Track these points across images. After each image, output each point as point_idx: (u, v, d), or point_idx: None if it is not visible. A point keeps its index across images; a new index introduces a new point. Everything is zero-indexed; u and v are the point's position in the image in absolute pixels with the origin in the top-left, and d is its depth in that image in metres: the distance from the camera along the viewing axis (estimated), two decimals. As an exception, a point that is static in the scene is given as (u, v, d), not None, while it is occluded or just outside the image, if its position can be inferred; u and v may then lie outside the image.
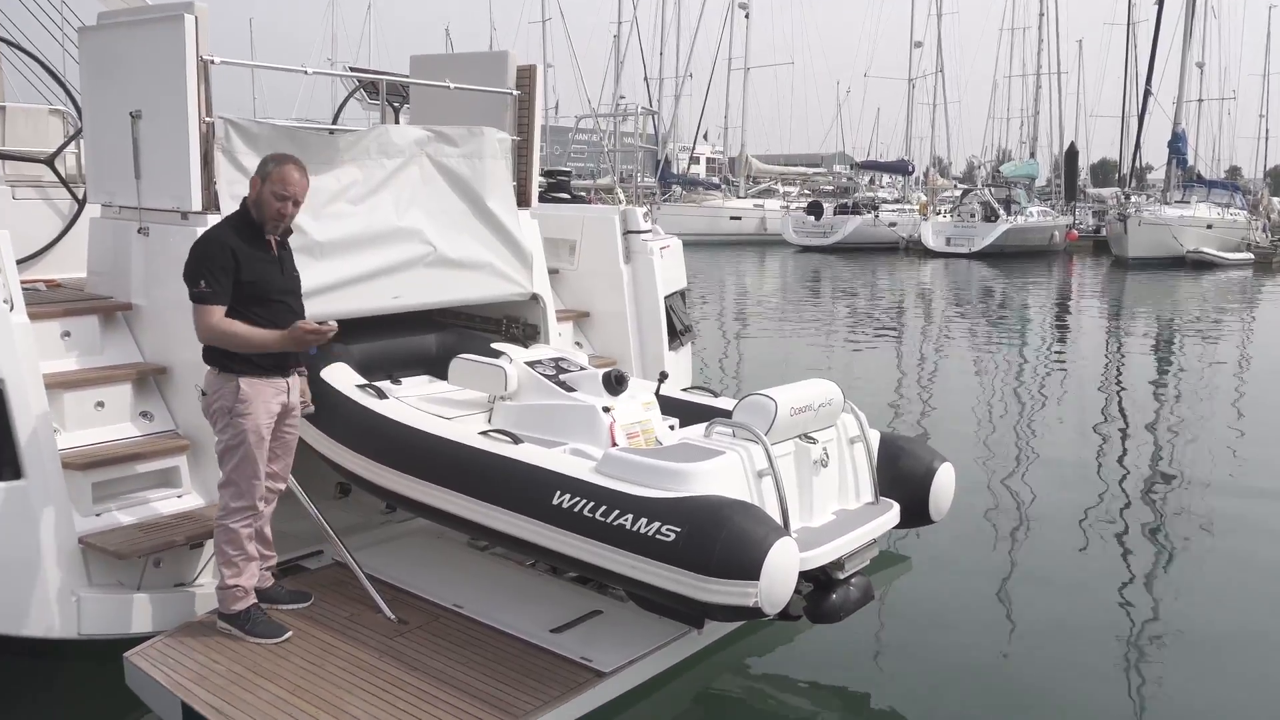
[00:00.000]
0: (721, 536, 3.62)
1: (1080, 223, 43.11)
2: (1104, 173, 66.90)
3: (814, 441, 4.35)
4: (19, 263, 4.61)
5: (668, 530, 3.68)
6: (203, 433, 4.72)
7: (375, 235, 5.38)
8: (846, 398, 4.58)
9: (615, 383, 4.88)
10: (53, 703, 4.51)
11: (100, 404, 4.78)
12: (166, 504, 4.76)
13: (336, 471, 4.94)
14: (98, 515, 4.53)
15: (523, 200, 6.29)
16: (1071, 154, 45.01)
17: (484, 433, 4.52)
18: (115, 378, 4.87)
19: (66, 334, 4.92)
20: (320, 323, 4.19)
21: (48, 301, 5.09)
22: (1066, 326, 18.25)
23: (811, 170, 57.03)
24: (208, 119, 4.80)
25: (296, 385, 4.45)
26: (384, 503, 5.72)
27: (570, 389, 4.95)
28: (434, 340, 5.87)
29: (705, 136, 54.45)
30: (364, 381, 5.03)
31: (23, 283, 4.53)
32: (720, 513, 3.67)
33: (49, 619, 4.30)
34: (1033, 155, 47.97)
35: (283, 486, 4.56)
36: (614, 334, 7.07)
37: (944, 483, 4.78)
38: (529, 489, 4.10)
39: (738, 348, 14.75)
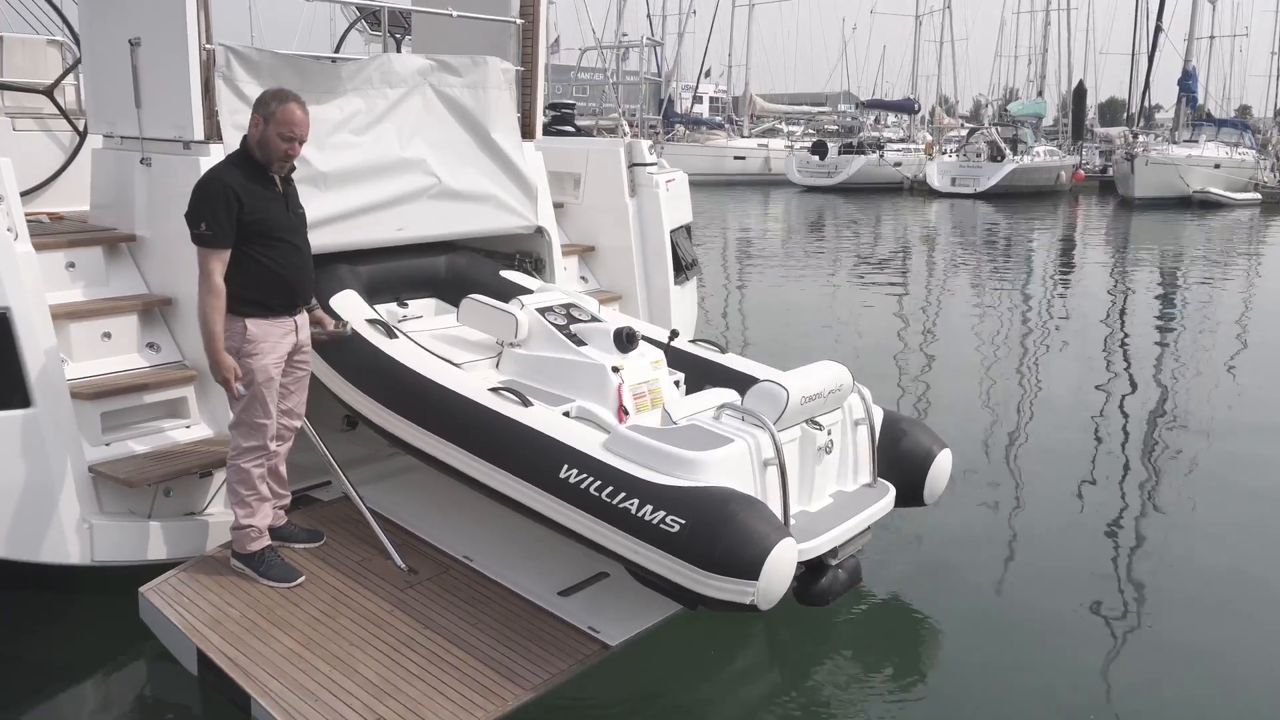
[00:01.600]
0: (725, 534, 3.64)
1: (1087, 163, 42.73)
2: (1112, 112, 66.17)
3: (820, 428, 4.36)
4: (21, 195, 4.58)
5: (673, 521, 3.70)
6: (210, 364, 4.73)
7: (379, 166, 5.34)
8: (855, 379, 4.58)
9: (626, 341, 4.86)
10: (66, 635, 4.57)
11: (107, 335, 4.79)
12: (175, 434, 4.78)
13: (343, 407, 4.94)
14: (107, 445, 4.56)
15: (527, 132, 6.24)
16: (1079, 93, 44.51)
17: (494, 389, 4.48)
18: (121, 309, 4.87)
19: (71, 265, 4.90)
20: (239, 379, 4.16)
21: (51, 233, 5.06)
22: (1070, 267, 18.17)
23: (816, 109, 56.45)
24: (208, 46, 4.74)
25: (303, 322, 4.42)
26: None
27: (581, 342, 4.94)
28: (443, 263, 5.82)
29: (708, 75, 53.83)
30: (374, 315, 4.99)
31: (26, 215, 4.51)
32: (726, 508, 3.69)
33: (62, 545, 4.35)
34: (1040, 94, 47.38)
35: (299, 423, 4.56)
36: (619, 268, 7.03)
37: (941, 468, 4.82)
38: (536, 458, 4.09)
39: (740, 292, 14.71)
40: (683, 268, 7.19)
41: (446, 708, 3.79)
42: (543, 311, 5.09)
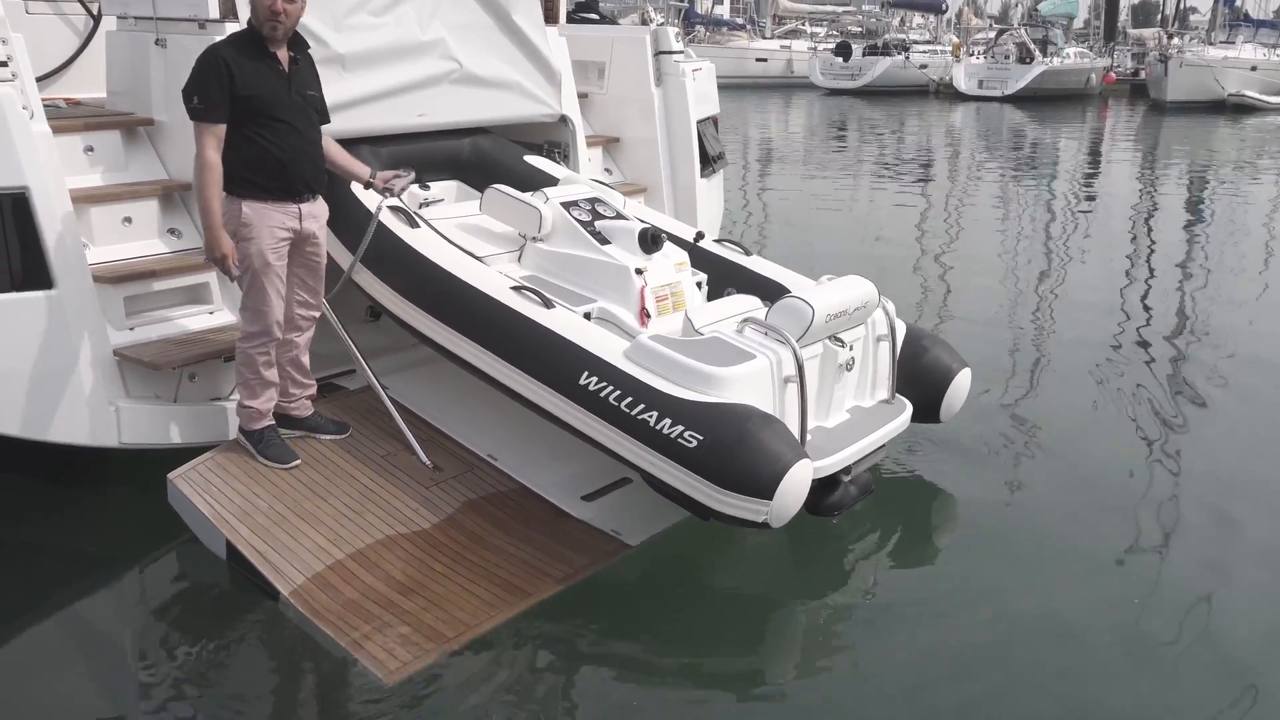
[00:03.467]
0: (742, 453, 3.66)
1: (1118, 65, 41.66)
2: (1145, 14, 64.20)
3: (842, 344, 4.31)
4: (37, 80, 4.48)
5: (690, 436, 3.73)
6: (232, 250, 4.68)
7: (398, 49, 5.21)
8: (881, 294, 4.53)
9: (651, 242, 4.78)
10: (97, 522, 4.63)
11: (127, 219, 4.73)
12: (198, 320, 4.76)
13: (365, 297, 4.89)
14: (131, 329, 4.54)
15: (550, 16, 6.04)
16: (1113, -8, 43.17)
17: (517, 288, 4.40)
18: (141, 193, 4.80)
19: (90, 149, 4.82)
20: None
21: (68, 116, 4.98)
22: (1097, 172, 17.82)
23: (840, 9, 54.98)
24: (222, -81, 4.59)
25: (315, 212, 4.32)
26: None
27: (605, 240, 4.85)
28: (467, 145, 5.70)
29: (730, -26, 52.38)
30: (396, 204, 4.86)
31: (42, 101, 4.42)
32: (744, 427, 3.70)
33: (89, 427, 4.37)
34: (1072, -7, 45.97)
35: (317, 314, 4.52)
36: (644, 160, 6.90)
37: (960, 388, 4.83)
38: (557, 363, 4.08)
39: (761, 195, 14.49)
40: (709, 160, 7.04)
41: (471, 603, 3.85)
42: (567, 206, 4.98)
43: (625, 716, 3.39)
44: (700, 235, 5.38)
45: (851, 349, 4.38)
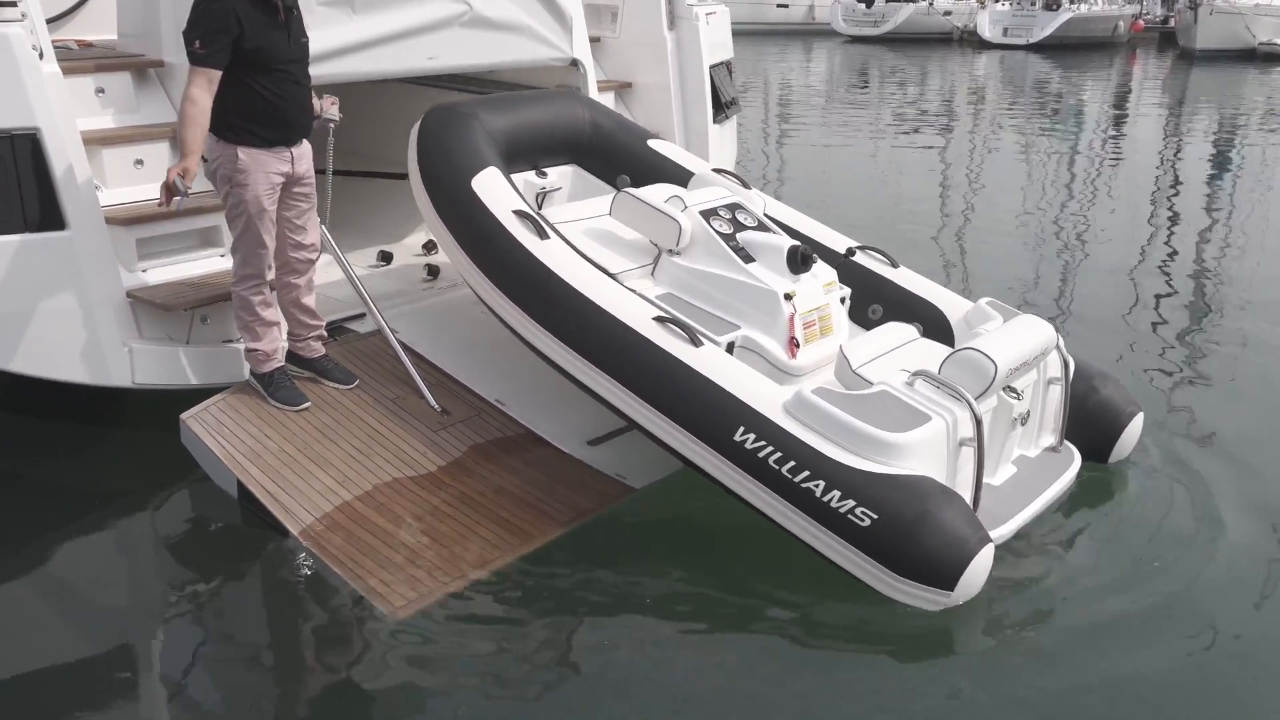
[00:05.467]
0: (922, 537, 3.39)
1: (1148, 13, 40.85)
2: (1177, -40, 62.78)
3: (1018, 396, 4.01)
4: (48, 22, 4.48)
5: (864, 514, 3.45)
6: (243, 193, 4.68)
7: (409, -9, 5.16)
8: (1059, 333, 4.27)
9: (801, 262, 4.40)
10: (113, 462, 4.73)
11: (139, 162, 4.74)
12: (210, 263, 4.78)
13: (492, 315, 4.53)
14: (143, 271, 4.58)
15: (561, -41, 5.97)
16: (1144, -63, 42.16)
17: (659, 320, 4.03)
18: (152, 135, 4.80)
19: (100, 90, 4.81)
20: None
21: (79, 58, 4.98)
22: (1123, 124, 17.53)
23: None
24: None
25: (302, 153, 4.35)
26: (426, 272, 5.72)
27: (749, 258, 4.47)
28: (587, 125, 5.39)
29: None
30: (521, 206, 4.47)
31: (53, 42, 4.43)
32: (925, 506, 3.41)
33: (104, 367, 4.43)
34: (1102, -62, 44.92)
35: (315, 256, 4.55)
36: (656, 105, 6.83)
37: (1132, 434, 4.52)
38: (709, 412, 3.75)
39: (778, 146, 14.36)
40: (722, 106, 6.99)
41: (476, 544, 3.91)
42: (707, 216, 4.60)
43: (628, 656, 3.45)
44: (852, 251, 4.95)
45: (1028, 407, 4.09)
